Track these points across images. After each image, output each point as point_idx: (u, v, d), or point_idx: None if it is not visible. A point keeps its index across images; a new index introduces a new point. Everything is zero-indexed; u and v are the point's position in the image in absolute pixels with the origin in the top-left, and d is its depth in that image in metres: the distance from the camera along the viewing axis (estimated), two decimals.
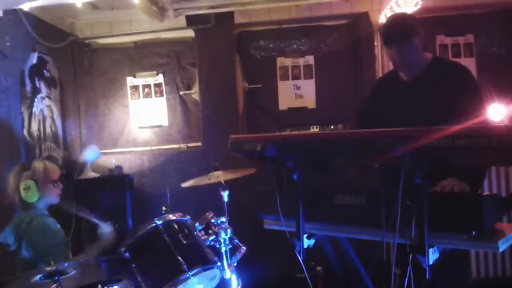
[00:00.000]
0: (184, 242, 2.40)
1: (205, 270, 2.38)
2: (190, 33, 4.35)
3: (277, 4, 4.04)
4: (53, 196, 2.72)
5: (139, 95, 4.50)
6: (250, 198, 3.56)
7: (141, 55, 4.49)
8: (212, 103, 4.29)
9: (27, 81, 3.55)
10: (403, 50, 2.39)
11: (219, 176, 2.83)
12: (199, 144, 4.42)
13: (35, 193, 2.59)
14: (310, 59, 4.38)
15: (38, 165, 2.68)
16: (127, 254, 2.37)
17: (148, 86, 4.48)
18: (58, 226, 2.67)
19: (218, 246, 2.58)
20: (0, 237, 2.62)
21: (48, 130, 3.83)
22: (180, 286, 2.28)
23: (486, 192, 3.75)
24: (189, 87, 4.47)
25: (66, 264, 2.02)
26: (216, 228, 2.60)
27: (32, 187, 2.58)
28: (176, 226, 2.47)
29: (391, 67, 4.14)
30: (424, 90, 2.42)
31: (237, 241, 2.65)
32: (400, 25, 2.42)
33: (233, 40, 4.35)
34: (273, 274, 4.04)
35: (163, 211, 2.78)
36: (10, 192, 2.66)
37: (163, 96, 4.47)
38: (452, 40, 4.23)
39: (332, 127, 4.30)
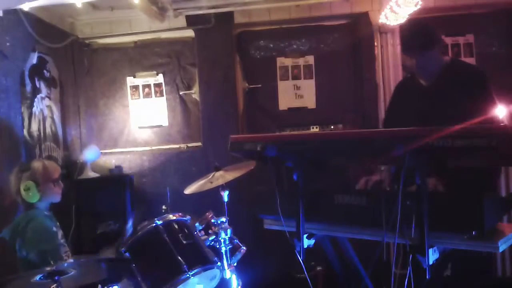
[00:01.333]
0: (184, 242, 2.40)
1: (205, 270, 2.38)
2: (190, 33, 4.35)
3: (277, 4, 4.04)
4: (54, 195, 2.72)
5: (139, 95, 4.49)
6: (250, 198, 3.56)
7: (141, 55, 4.49)
8: (212, 103, 4.29)
9: (27, 81, 3.54)
10: (424, 60, 2.41)
11: (220, 178, 2.83)
12: (199, 144, 4.42)
13: (35, 193, 2.59)
14: (310, 59, 4.38)
15: (37, 165, 2.67)
16: (127, 254, 2.37)
17: (148, 86, 4.48)
18: (55, 229, 2.66)
19: (218, 246, 2.58)
20: (2, 234, 2.63)
21: (48, 130, 3.83)
22: (180, 286, 2.28)
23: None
24: (189, 87, 4.47)
25: (66, 264, 2.02)
26: (216, 228, 2.61)
27: (32, 188, 2.58)
28: (176, 226, 2.47)
29: (391, 67, 4.19)
30: (442, 95, 2.43)
31: (237, 241, 2.65)
32: (422, 36, 2.43)
33: (233, 40, 4.35)
34: (273, 274, 4.04)
35: (163, 211, 2.78)
36: (12, 193, 2.65)
37: (163, 96, 4.47)
38: (452, 40, 4.23)
39: (332, 127, 4.30)
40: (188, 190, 2.91)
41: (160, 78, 4.46)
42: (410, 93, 2.62)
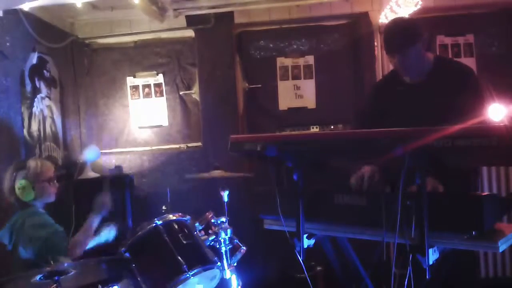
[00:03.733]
0: (184, 242, 2.40)
1: (205, 270, 2.38)
2: (190, 33, 4.36)
3: (277, 4, 4.04)
4: (49, 195, 2.71)
5: (139, 95, 4.49)
6: (250, 198, 3.55)
7: (141, 55, 4.49)
8: (212, 103, 4.29)
9: (27, 81, 3.55)
10: (406, 57, 2.36)
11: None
12: (199, 144, 4.42)
13: (30, 192, 2.58)
14: (310, 59, 4.38)
15: (32, 164, 2.65)
16: (127, 254, 2.37)
17: (148, 86, 4.48)
18: (53, 221, 2.65)
19: (218, 246, 2.58)
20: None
21: (48, 130, 3.83)
22: (180, 286, 2.28)
23: (486, 192, 3.75)
24: (189, 87, 4.47)
25: (66, 264, 2.02)
26: (216, 228, 2.61)
27: (27, 187, 2.57)
28: (176, 226, 2.47)
29: (391, 67, 4.16)
30: (429, 94, 2.40)
31: (237, 241, 2.65)
32: (402, 32, 2.36)
33: (233, 40, 4.35)
34: (273, 274, 4.04)
35: (163, 211, 2.78)
36: (6, 191, 2.64)
37: (163, 96, 4.47)
38: (452, 40, 4.23)
39: (332, 127, 4.30)
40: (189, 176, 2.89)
41: (160, 78, 4.46)
42: (394, 90, 2.56)
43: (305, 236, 2.09)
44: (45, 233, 2.50)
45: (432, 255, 1.71)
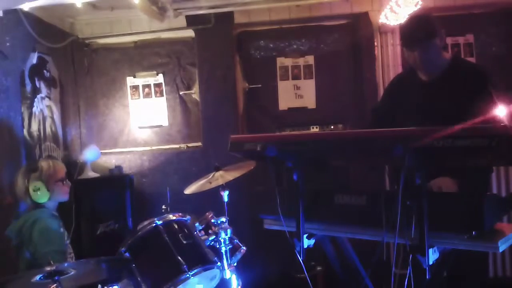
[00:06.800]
0: (184, 242, 2.40)
1: (205, 270, 2.38)
2: (190, 33, 4.36)
3: (277, 4, 4.04)
4: (63, 194, 2.73)
5: (139, 95, 4.49)
6: (250, 198, 3.55)
7: (141, 55, 4.49)
8: (212, 103, 4.29)
9: (27, 81, 3.54)
10: (426, 52, 2.37)
11: (219, 178, 2.83)
12: (199, 144, 4.42)
13: (45, 193, 2.59)
14: (310, 59, 4.38)
15: (45, 164, 2.65)
16: (127, 254, 2.37)
17: (148, 86, 4.48)
18: (62, 229, 2.65)
19: (218, 246, 2.58)
20: (7, 231, 2.62)
21: (48, 130, 3.83)
22: (180, 286, 2.28)
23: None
24: (189, 87, 4.47)
25: (66, 264, 2.01)
26: (216, 228, 2.61)
27: (41, 188, 2.57)
28: (176, 226, 2.47)
29: (391, 67, 4.19)
30: (442, 92, 2.41)
31: (237, 241, 2.65)
32: (423, 26, 2.39)
33: (233, 40, 4.35)
34: (273, 274, 4.04)
35: (163, 211, 2.78)
36: (19, 194, 2.64)
37: (163, 96, 4.47)
38: (452, 40, 4.22)
39: (332, 127, 4.30)
40: (188, 191, 2.91)
41: (160, 78, 4.46)
42: (409, 87, 2.60)
43: (305, 236, 2.10)
44: (51, 249, 2.49)
45: (432, 255, 1.72)
